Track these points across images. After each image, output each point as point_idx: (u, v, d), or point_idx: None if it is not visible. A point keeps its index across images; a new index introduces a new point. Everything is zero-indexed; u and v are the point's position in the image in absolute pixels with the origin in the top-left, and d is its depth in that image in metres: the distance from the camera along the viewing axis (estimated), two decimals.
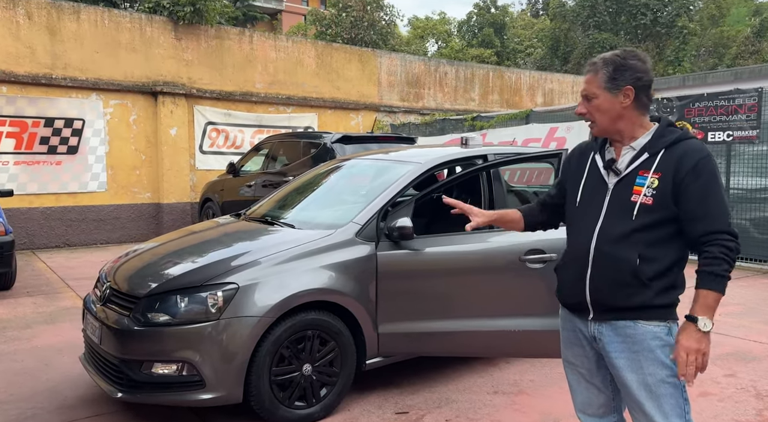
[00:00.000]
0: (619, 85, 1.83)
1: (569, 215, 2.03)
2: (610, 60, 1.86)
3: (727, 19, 31.28)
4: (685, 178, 1.74)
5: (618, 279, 1.78)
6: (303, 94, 11.89)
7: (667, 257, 1.78)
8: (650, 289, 1.76)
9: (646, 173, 1.80)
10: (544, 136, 9.63)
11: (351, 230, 3.34)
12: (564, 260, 2.02)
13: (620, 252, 1.78)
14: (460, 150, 4.08)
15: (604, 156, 1.93)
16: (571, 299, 1.95)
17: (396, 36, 26.44)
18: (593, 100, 1.87)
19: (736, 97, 7.02)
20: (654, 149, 1.81)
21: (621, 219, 1.81)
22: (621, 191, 1.83)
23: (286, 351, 3.05)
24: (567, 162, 2.12)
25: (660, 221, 1.77)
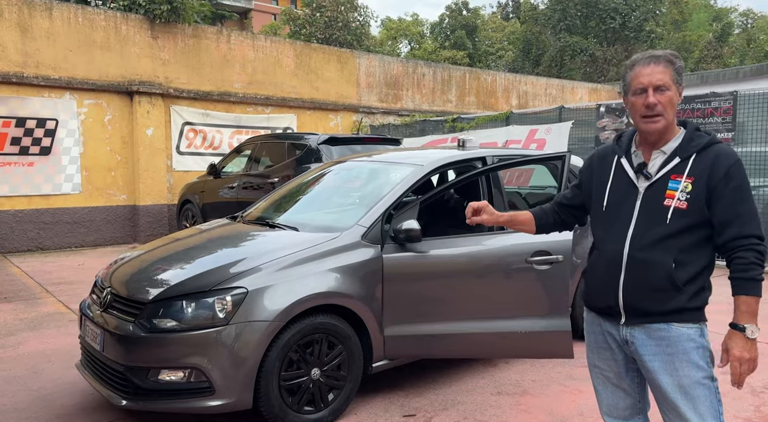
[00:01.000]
0: (681, 83, 1.83)
1: (595, 219, 2.01)
2: (677, 56, 1.85)
3: (689, 24, 32.25)
4: (719, 183, 1.75)
5: (653, 285, 1.79)
6: (282, 95, 11.78)
7: (699, 262, 1.79)
8: (684, 293, 1.77)
9: (678, 177, 1.79)
10: (524, 137, 9.76)
11: (357, 232, 3.32)
12: (593, 264, 2.00)
13: (655, 257, 1.78)
14: (459, 152, 4.09)
15: (631, 160, 1.91)
16: (602, 304, 1.94)
17: (370, 37, 26.45)
18: (666, 92, 1.80)
19: (712, 101, 7.24)
20: (685, 153, 1.81)
21: (654, 224, 1.80)
22: (653, 196, 1.82)
23: (295, 355, 3.01)
24: (588, 166, 2.09)
25: (693, 225, 1.77)
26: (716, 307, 1.84)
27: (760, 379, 3.68)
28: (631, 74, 1.88)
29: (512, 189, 6.15)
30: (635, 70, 1.85)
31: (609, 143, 2.06)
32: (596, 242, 2.01)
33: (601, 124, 8.67)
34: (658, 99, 1.79)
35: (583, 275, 2.02)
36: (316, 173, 4.46)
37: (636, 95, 1.84)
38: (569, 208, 2.16)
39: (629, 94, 1.88)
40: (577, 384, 3.71)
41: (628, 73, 1.89)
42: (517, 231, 3.47)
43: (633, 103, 1.85)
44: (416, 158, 4.09)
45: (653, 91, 1.80)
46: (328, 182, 4.26)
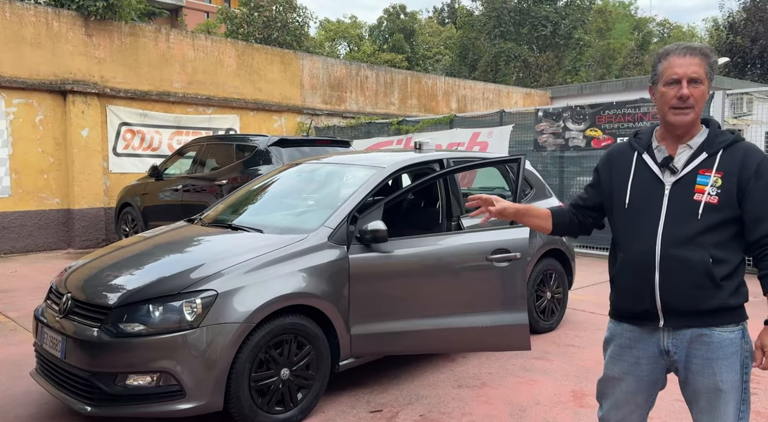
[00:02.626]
0: (712, 78, 1.78)
1: (617, 218, 1.91)
2: (711, 50, 1.80)
3: (613, 32, 34.12)
4: (751, 179, 1.71)
5: (693, 282, 1.72)
6: (224, 95, 11.57)
7: (734, 258, 1.75)
8: (724, 290, 1.72)
9: (707, 172, 1.74)
10: (467, 140, 10.06)
11: (323, 233, 3.37)
12: (621, 267, 1.88)
13: (692, 254, 1.72)
14: (417, 155, 4.22)
15: (654, 155, 1.85)
16: (638, 308, 1.83)
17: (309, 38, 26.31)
18: (700, 85, 1.75)
19: (642, 106, 7.75)
20: (712, 148, 1.77)
21: (685, 220, 1.74)
22: (681, 191, 1.77)
23: (265, 356, 3.03)
24: (605, 164, 1.99)
25: (725, 221, 1.73)
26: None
27: None
28: (663, 64, 1.79)
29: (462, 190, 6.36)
30: (669, 60, 1.78)
31: (624, 142, 1.98)
32: (620, 243, 1.90)
33: (539, 128, 9.08)
34: (692, 92, 1.73)
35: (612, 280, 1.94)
36: (275, 174, 4.46)
37: (668, 86, 1.77)
38: (586, 209, 2.06)
39: (659, 84, 1.80)
40: (531, 375, 3.91)
41: (661, 62, 1.80)
42: (473, 233, 3.69)
43: (664, 93, 1.78)
44: (377, 160, 4.19)
45: (687, 82, 1.73)
46: (290, 184, 4.28)
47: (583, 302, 5.74)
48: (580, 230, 2.11)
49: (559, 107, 9.11)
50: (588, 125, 8.38)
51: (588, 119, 8.38)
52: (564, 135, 8.72)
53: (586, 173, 8.62)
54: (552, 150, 8.93)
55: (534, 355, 4.27)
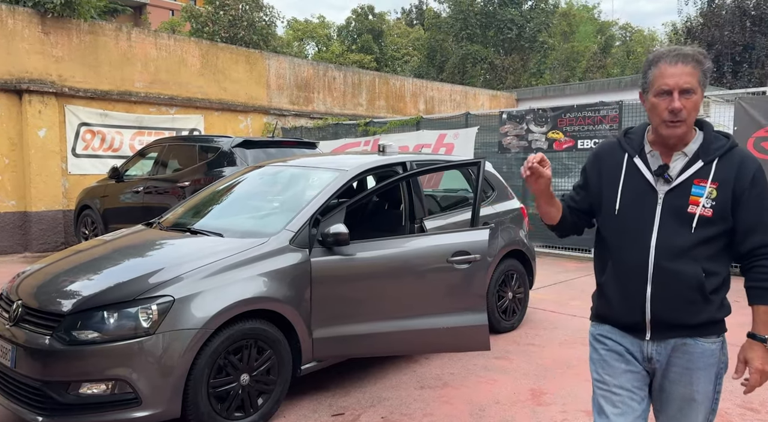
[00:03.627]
0: (706, 85, 1.69)
1: (606, 223, 1.83)
2: (705, 55, 1.69)
3: (577, 35, 34.82)
4: (746, 189, 1.67)
5: (685, 296, 1.70)
6: (187, 95, 11.38)
7: (722, 271, 1.73)
8: (713, 304, 1.71)
9: (703, 182, 1.69)
10: (434, 142, 10.13)
11: (285, 237, 3.36)
12: (610, 276, 1.82)
13: (685, 268, 1.68)
14: (381, 158, 4.25)
15: (647, 160, 1.77)
16: (626, 319, 1.79)
17: (276, 37, 26.10)
18: (693, 96, 1.65)
19: (601, 109, 7.95)
20: (708, 156, 1.71)
21: (679, 232, 1.69)
22: (674, 201, 1.71)
23: (224, 361, 3.01)
24: (593, 163, 1.90)
25: (718, 234, 1.69)
26: None
27: None
28: (654, 72, 1.68)
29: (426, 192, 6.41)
30: (660, 68, 1.66)
31: (611, 139, 1.90)
32: (610, 250, 1.83)
33: (503, 130, 9.21)
34: (684, 104, 1.64)
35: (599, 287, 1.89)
36: (237, 177, 4.42)
37: (659, 97, 1.67)
38: (578, 212, 1.96)
39: (650, 94, 1.70)
40: (491, 374, 3.97)
41: (651, 69, 1.69)
42: (435, 236, 3.72)
43: (655, 105, 1.68)
44: (340, 163, 4.19)
45: (678, 94, 1.64)
46: (252, 187, 4.25)
47: (544, 302, 5.85)
48: (574, 230, 2.01)
49: (522, 109, 9.27)
50: (550, 127, 8.55)
51: (550, 122, 8.54)
52: (527, 137, 8.87)
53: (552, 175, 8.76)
54: (516, 152, 9.07)
55: (495, 355, 4.34)
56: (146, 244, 3.61)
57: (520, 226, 5.23)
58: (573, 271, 7.55)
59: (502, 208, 5.09)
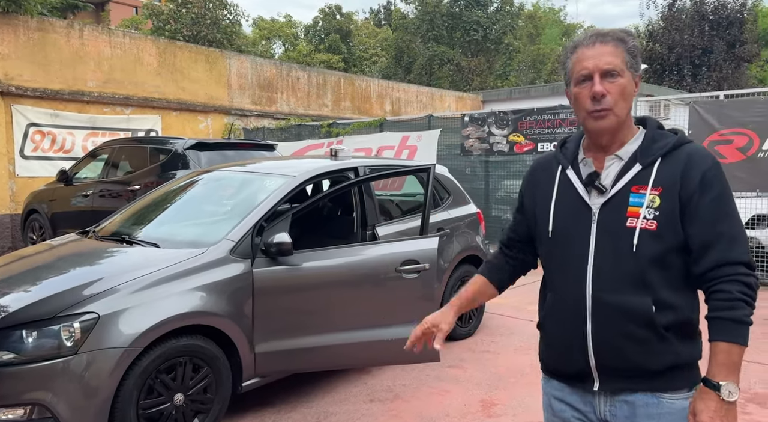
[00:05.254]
0: (638, 69, 1.44)
1: (543, 250, 1.57)
2: (633, 34, 1.47)
3: (542, 37, 35.28)
4: (694, 193, 1.36)
5: (631, 335, 1.38)
6: (143, 95, 11.04)
7: (683, 301, 1.40)
8: (671, 343, 1.38)
9: (641, 189, 1.40)
10: (397, 144, 10.04)
11: (224, 247, 3.20)
12: (548, 313, 1.54)
13: (628, 299, 1.38)
14: (332, 162, 4.11)
15: (579, 171, 1.50)
16: (569, 367, 1.49)
17: (241, 36, 25.67)
18: (618, 78, 1.40)
19: (560, 112, 7.97)
20: (648, 157, 1.42)
21: (618, 253, 1.39)
22: (610, 215, 1.42)
23: (156, 381, 2.84)
24: (528, 182, 1.64)
25: (667, 251, 1.37)
26: None
27: None
28: (572, 59, 1.45)
29: (384, 194, 6.30)
30: (577, 53, 1.44)
31: (551, 152, 1.64)
32: (547, 281, 1.57)
33: (465, 132, 9.17)
34: (607, 88, 1.39)
35: (539, 327, 1.64)
36: (180, 183, 4.23)
37: (580, 85, 1.42)
38: (521, 244, 1.68)
39: (572, 85, 1.45)
40: (444, 384, 3.88)
41: (570, 57, 1.46)
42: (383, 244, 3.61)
43: (576, 95, 1.44)
44: (288, 168, 4.05)
45: (600, 77, 1.39)
46: (194, 194, 4.06)
47: (502, 307, 5.80)
48: (524, 270, 1.74)
49: (484, 112, 9.25)
50: (511, 130, 8.54)
51: (511, 125, 8.54)
52: (489, 140, 8.85)
53: (512, 177, 8.79)
54: (478, 155, 9.04)
55: (449, 363, 4.25)
56: (75, 256, 3.39)
57: (476, 231, 5.17)
58: (533, 274, 7.49)
59: (458, 213, 5.01)
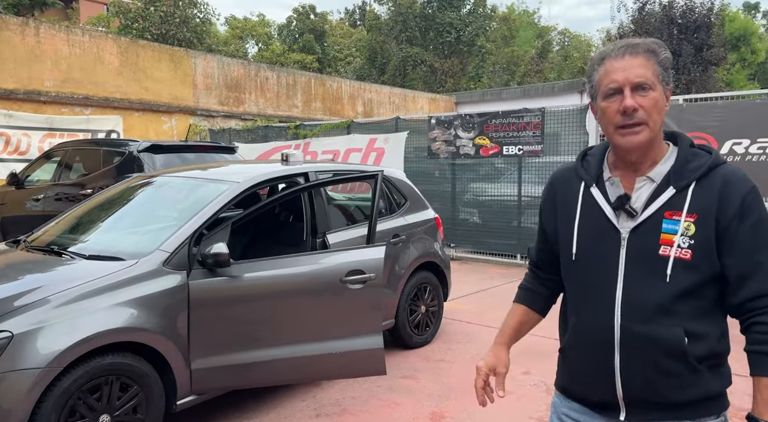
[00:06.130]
0: (669, 82, 1.36)
1: (566, 272, 1.49)
2: (664, 45, 1.37)
3: (517, 40, 35.52)
4: (732, 221, 1.29)
5: (663, 367, 1.32)
6: (104, 95, 10.74)
7: (715, 330, 1.34)
8: (702, 375, 1.32)
9: (675, 215, 1.31)
10: (364, 146, 9.92)
11: (157, 258, 3.05)
12: (572, 339, 1.47)
13: (661, 331, 1.31)
14: (280, 168, 3.99)
15: (606, 190, 1.41)
16: (595, 396, 1.42)
17: (213, 35, 25.28)
18: (650, 92, 1.32)
19: (525, 116, 7.94)
20: (682, 180, 1.33)
21: (650, 283, 1.32)
22: (642, 241, 1.34)
23: (78, 402, 2.67)
24: (547, 198, 1.55)
25: (703, 282, 1.31)
26: None
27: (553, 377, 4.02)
28: (600, 71, 1.37)
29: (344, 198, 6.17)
30: (605, 65, 1.36)
31: (570, 164, 1.55)
32: (571, 306, 1.49)
33: (432, 135, 9.10)
34: (639, 102, 1.30)
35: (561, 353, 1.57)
36: (119, 189, 4.05)
37: (608, 99, 1.34)
38: (552, 265, 1.57)
39: (598, 98, 1.37)
40: (395, 396, 3.77)
41: (597, 70, 1.38)
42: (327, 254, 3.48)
43: (605, 109, 1.35)
44: (234, 173, 3.91)
45: (631, 91, 1.31)
46: (132, 201, 3.88)
47: (461, 312, 5.72)
48: (561, 289, 1.59)
49: (450, 114, 9.18)
50: (477, 133, 8.49)
51: (477, 128, 8.49)
52: (455, 143, 8.79)
53: (480, 180, 8.75)
54: (445, 157, 8.98)
55: (402, 373, 4.15)
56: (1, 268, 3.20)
57: (434, 237, 5.07)
58: (497, 277, 7.50)
59: (415, 219, 4.91)
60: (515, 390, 3.83)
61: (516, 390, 3.82)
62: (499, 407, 3.54)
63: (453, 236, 8.82)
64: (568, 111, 7.68)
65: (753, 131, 6.04)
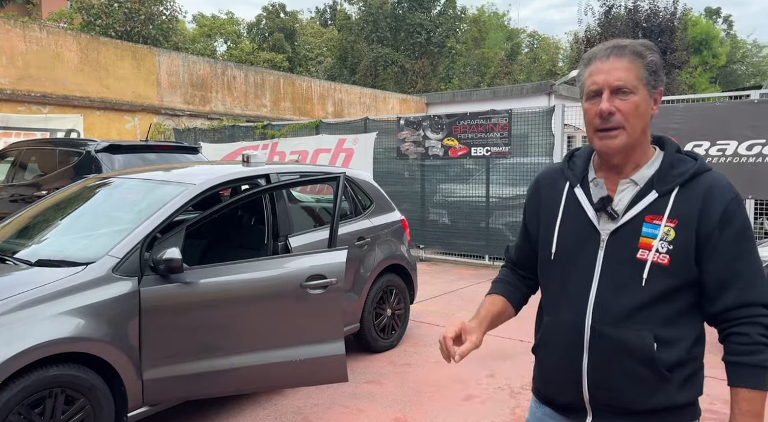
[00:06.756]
0: (657, 85, 1.34)
1: (543, 271, 1.49)
2: (653, 47, 1.35)
3: (487, 41, 35.83)
4: (714, 229, 1.28)
5: (630, 372, 1.30)
6: (63, 93, 10.40)
7: (687, 337, 1.32)
8: (671, 383, 1.30)
9: (656, 219, 1.31)
10: (333, 147, 9.82)
11: (106, 265, 2.91)
12: (544, 339, 1.47)
13: (630, 335, 1.30)
14: (240, 169, 3.88)
15: (590, 191, 1.41)
16: (562, 398, 1.42)
17: (180, 33, 24.79)
18: (630, 96, 1.30)
19: (492, 117, 7.95)
20: (665, 184, 1.33)
21: (625, 286, 1.31)
22: (621, 244, 1.33)
23: (18, 418, 2.52)
24: (532, 196, 1.55)
25: (679, 288, 1.30)
26: None
27: (518, 380, 4.02)
28: (586, 72, 1.37)
29: (312, 199, 6.08)
30: (591, 67, 1.35)
31: (557, 164, 1.54)
32: (545, 305, 1.49)
33: (401, 136, 9.06)
34: (617, 106, 1.30)
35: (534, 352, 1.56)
36: (71, 191, 3.88)
37: (589, 100, 1.35)
38: (530, 268, 1.58)
39: (583, 99, 1.38)
40: (358, 403, 3.69)
41: (584, 70, 1.38)
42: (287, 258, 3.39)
43: (586, 111, 1.36)
44: (191, 175, 3.78)
45: (610, 93, 1.31)
46: (83, 204, 3.71)
47: (429, 314, 5.68)
48: (536, 289, 1.60)
49: (419, 115, 9.15)
50: (445, 134, 8.48)
51: (445, 129, 8.47)
52: (424, 144, 8.76)
53: (449, 181, 8.74)
54: (414, 158, 8.94)
55: (367, 378, 4.08)
56: None
57: (400, 239, 5.01)
58: (466, 278, 7.49)
59: (381, 221, 4.85)
60: (479, 393, 3.79)
61: (480, 393, 3.79)
62: (463, 411, 3.52)
63: (422, 237, 8.79)
64: (534, 113, 7.72)
65: (713, 134, 6.15)
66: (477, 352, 1.61)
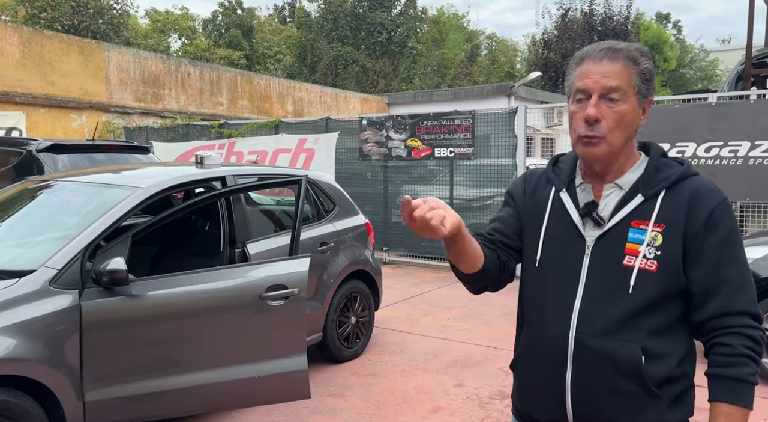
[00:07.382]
0: (648, 94, 1.29)
1: (526, 278, 1.41)
2: (648, 54, 1.29)
3: (447, 42, 36.04)
4: (699, 233, 1.23)
5: (615, 387, 1.23)
6: (3, 89, 9.80)
7: (676, 352, 1.25)
8: (660, 399, 1.23)
9: (643, 224, 1.26)
10: (294, 147, 9.56)
11: (42, 277, 2.64)
12: (524, 351, 1.39)
13: (616, 347, 1.23)
14: (194, 171, 3.63)
15: (576, 196, 1.35)
16: (543, 414, 1.33)
17: (132, 28, 23.93)
18: (618, 104, 1.24)
19: (456, 118, 7.87)
20: (650, 188, 1.28)
21: (611, 294, 1.25)
22: (606, 251, 1.27)
23: None
24: (520, 185, 1.46)
25: (667, 296, 1.24)
26: None
27: (487, 389, 3.90)
28: (576, 72, 1.30)
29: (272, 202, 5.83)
30: (583, 67, 1.28)
31: (540, 168, 1.48)
32: (527, 315, 1.40)
33: (363, 136, 8.89)
34: (604, 113, 1.24)
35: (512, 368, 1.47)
36: (4, 196, 3.55)
37: (576, 103, 1.28)
38: (509, 250, 1.43)
39: (570, 100, 1.31)
40: (321, 418, 3.51)
41: (574, 70, 1.30)
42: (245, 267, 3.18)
43: (572, 114, 1.29)
44: (139, 178, 3.51)
45: (599, 98, 1.24)
46: (19, 209, 3.40)
47: (394, 320, 5.53)
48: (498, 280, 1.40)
49: (382, 115, 9.00)
50: (409, 135, 8.35)
51: (408, 129, 8.35)
52: (387, 144, 8.62)
53: (413, 182, 8.61)
54: (377, 159, 8.79)
55: (330, 392, 3.89)
56: None
57: (364, 244, 4.84)
58: (431, 282, 7.38)
59: (344, 225, 4.66)
60: (448, 404, 3.66)
61: (448, 404, 3.66)
62: None
63: (385, 239, 8.64)
64: (497, 114, 7.67)
65: (672, 136, 6.22)
66: (443, 359, 1.53)
